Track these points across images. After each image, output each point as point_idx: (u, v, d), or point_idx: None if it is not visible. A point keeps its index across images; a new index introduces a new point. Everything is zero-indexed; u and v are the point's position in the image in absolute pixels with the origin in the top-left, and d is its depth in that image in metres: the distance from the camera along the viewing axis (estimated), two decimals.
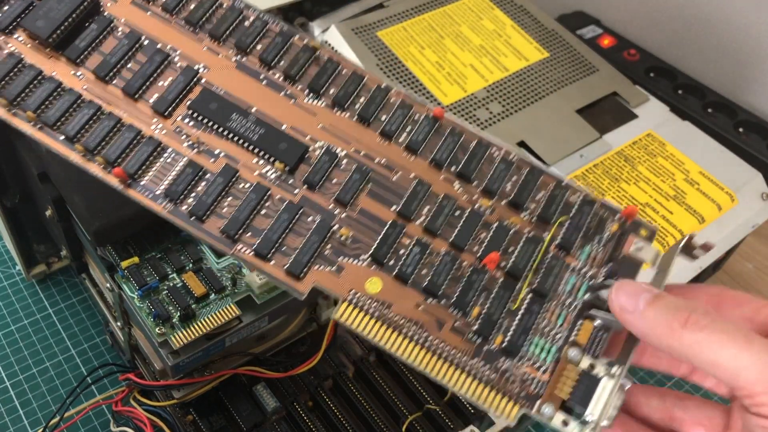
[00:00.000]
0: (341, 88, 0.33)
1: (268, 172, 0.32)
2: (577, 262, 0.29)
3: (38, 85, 0.32)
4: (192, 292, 0.44)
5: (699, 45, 0.81)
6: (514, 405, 0.27)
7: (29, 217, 0.53)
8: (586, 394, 0.26)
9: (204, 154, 0.32)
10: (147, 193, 0.32)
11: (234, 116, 0.32)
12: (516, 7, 0.64)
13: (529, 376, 0.27)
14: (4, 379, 0.53)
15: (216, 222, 0.31)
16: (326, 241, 0.30)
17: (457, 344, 0.28)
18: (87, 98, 0.32)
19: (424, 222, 0.30)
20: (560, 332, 0.28)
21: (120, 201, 0.42)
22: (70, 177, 0.43)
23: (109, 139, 0.32)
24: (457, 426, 0.46)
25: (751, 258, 0.68)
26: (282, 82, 0.33)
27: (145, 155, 0.32)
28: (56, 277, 0.59)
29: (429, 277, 0.29)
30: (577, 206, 0.31)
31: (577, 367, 0.27)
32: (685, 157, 0.55)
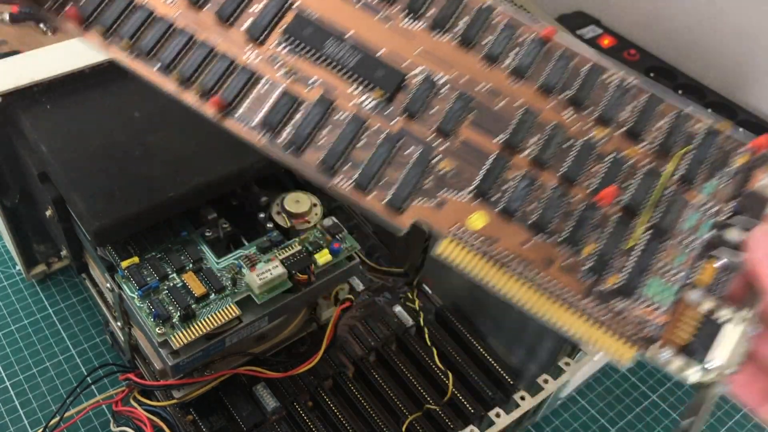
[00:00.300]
0: (441, 9, 0.31)
1: (365, 101, 0.30)
2: (699, 197, 0.27)
3: (131, 14, 0.31)
4: (192, 292, 0.44)
5: (699, 45, 0.81)
6: (631, 346, 0.25)
7: (29, 217, 0.53)
8: (708, 339, 0.24)
9: (299, 82, 0.31)
10: (243, 123, 0.31)
11: (329, 42, 0.31)
12: (516, 6, 0.64)
13: (645, 318, 0.25)
14: (5, 378, 0.53)
15: (314, 154, 0.29)
16: (427, 173, 0.29)
17: (567, 283, 0.26)
18: (180, 26, 0.31)
19: (531, 153, 0.28)
20: (680, 272, 0.26)
21: (120, 201, 0.42)
22: (70, 177, 0.43)
23: (204, 67, 0.31)
24: (457, 426, 0.46)
25: None
26: (378, 4, 0.31)
27: (240, 84, 0.31)
28: (56, 277, 0.59)
29: (538, 213, 0.27)
30: (702, 137, 0.28)
31: (698, 310, 0.25)
32: None
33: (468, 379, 0.48)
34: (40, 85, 0.47)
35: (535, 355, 0.46)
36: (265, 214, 0.50)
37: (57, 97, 0.47)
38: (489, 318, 0.49)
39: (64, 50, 0.50)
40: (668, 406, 0.57)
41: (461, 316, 0.52)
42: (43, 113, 0.46)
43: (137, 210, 0.42)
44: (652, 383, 0.58)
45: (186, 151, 0.45)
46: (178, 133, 0.46)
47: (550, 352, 0.45)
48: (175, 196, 0.43)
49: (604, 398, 0.57)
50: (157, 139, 0.46)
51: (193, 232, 0.48)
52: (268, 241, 0.48)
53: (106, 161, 0.44)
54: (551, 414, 0.56)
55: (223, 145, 0.46)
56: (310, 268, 0.46)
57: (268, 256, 0.47)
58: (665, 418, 0.56)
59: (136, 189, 0.43)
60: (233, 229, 0.49)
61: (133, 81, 0.50)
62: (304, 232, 0.49)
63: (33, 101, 0.46)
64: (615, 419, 0.56)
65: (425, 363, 0.49)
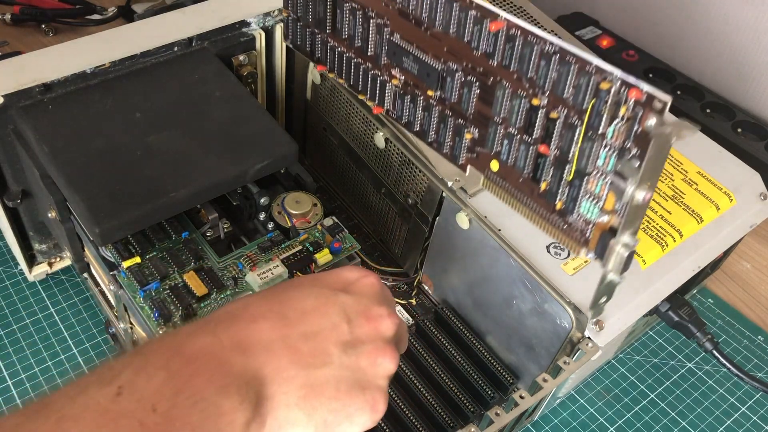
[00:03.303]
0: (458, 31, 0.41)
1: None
2: (605, 140, 0.34)
3: None
4: (193, 291, 0.44)
5: (698, 46, 0.81)
6: (579, 245, 0.37)
7: (31, 217, 0.54)
8: (603, 248, 0.36)
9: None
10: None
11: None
12: (516, 8, 0.64)
13: (583, 227, 0.36)
14: (6, 378, 0.53)
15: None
16: (461, 139, 0.42)
17: (542, 204, 0.38)
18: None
19: (517, 124, 0.38)
20: (598, 198, 0.35)
21: (122, 201, 0.42)
22: (72, 177, 0.43)
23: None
24: (456, 425, 0.46)
25: (749, 258, 0.69)
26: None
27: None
28: (58, 277, 0.60)
29: (522, 163, 0.39)
30: (602, 93, 0.34)
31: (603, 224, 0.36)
32: (684, 158, 0.55)
33: (467, 378, 0.49)
34: (42, 85, 0.47)
35: (534, 354, 0.47)
36: (265, 214, 0.50)
37: (59, 97, 0.47)
38: (488, 317, 0.49)
39: (65, 51, 0.50)
40: (667, 405, 0.57)
41: (460, 315, 0.52)
42: (45, 114, 0.46)
43: (139, 210, 0.43)
44: (651, 382, 0.58)
45: (187, 152, 0.46)
46: (179, 134, 0.47)
47: (548, 351, 0.45)
48: (177, 196, 0.43)
49: (602, 397, 0.57)
50: (158, 140, 0.46)
51: (194, 232, 0.48)
52: (269, 240, 0.48)
53: (108, 162, 0.44)
54: (550, 412, 0.56)
55: (224, 146, 0.47)
56: (310, 268, 0.47)
57: (268, 255, 0.47)
58: (664, 417, 0.56)
59: (137, 189, 0.43)
60: (234, 229, 0.50)
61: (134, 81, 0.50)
62: (304, 231, 0.49)
63: (35, 102, 0.47)
64: (614, 418, 0.56)
65: (425, 362, 0.49)
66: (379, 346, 0.34)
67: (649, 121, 0.32)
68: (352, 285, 0.36)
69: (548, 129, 0.37)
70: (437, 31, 0.42)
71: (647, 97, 0.31)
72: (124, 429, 0.26)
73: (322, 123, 0.60)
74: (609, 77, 0.33)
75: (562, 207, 0.37)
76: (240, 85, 0.51)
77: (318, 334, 0.32)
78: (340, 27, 0.48)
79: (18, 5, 0.82)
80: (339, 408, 0.32)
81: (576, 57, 0.34)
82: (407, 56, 0.44)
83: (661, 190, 0.52)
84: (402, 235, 0.57)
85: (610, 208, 0.35)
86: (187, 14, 0.54)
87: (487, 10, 0.38)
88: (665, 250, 0.49)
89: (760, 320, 0.64)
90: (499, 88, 0.39)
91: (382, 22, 0.45)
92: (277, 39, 0.57)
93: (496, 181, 0.42)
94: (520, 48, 0.37)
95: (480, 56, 0.40)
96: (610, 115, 0.33)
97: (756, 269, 0.68)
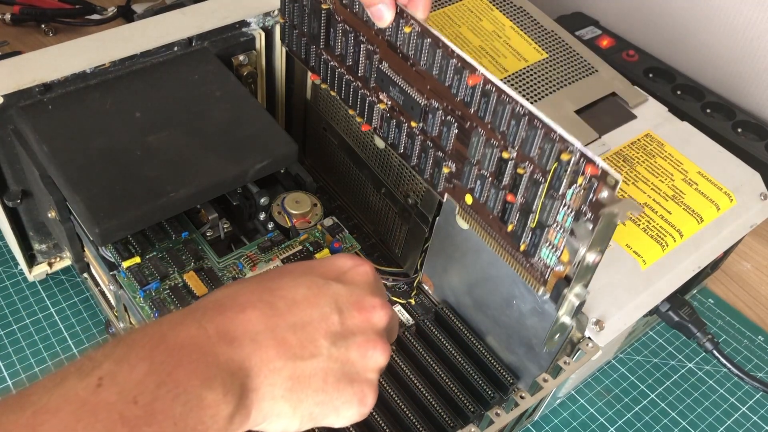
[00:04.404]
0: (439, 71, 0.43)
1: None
2: (564, 200, 0.37)
3: None
4: (193, 291, 0.44)
5: (698, 46, 0.81)
6: (538, 284, 0.40)
7: (31, 217, 0.54)
8: (557, 294, 0.39)
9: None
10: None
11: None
12: (515, 8, 0.64)
13: (543, 269, 0.40)
14: (6, 378, 0.53)
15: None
16: (438, 170, 0.45)
17: (508, 242, 0.41)
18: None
19: (489, 168, 0.41)
20: (556, 248, 0.38)
21: (122, 201, 0.42)
22: (71, 177, 0.43)
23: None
24: (456, 425, 0.46)
25: (749, 258, 0.69)
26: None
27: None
28: (58, 277, 0.60)
29: (493, 202, 0.41)
30: (563, 162, 0.37)
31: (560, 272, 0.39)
32: (684, 158, 0.55)
33: (467, 378, 0.49)
34: (42, 85, 0.47)
35: (534, 354, 0.47)
36: (265, 214, 0.50)
37: (59, 97, 0.47)
38: (488, 317, 0.49)
39: (65, 51, 0.50)
40: (667, 405, 0.57)
41: (460, 315, 0.52)
42: (45, 114, 0.46)
43: (139, 210, 0.43)
44: (651, 382, 0.58)
45: (187, 152, 0.46)
46: (179, 134, 0.47)
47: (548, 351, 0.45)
48: (177, 196, 0.43)
49: (602, 397, 0.57)
50: (158, 140, 0.46)
51: (194, 232, 0.48)
52: (269, 240, 0.48)
53: (108, 162, 0.44)
54: (550, 413, 0.56)
55: (223, 146, 0.47)
56: None
57: (268, 255, 0.47)
58: (664, 417, 0.56)
59: (137, 189, 0.43)
60: (234, 229, 0.50)
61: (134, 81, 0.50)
62: (304, 231, 0.49)
63: (35, 102, 0.47)
64: (614, 418, 0.56)
65: (425, 362, 0.49)
66: (370, 338, 0.33)
67: (602, 193, 0.34)
68: (345, 274, 0.35)
69: (515, 180, 0.39)
70: (422, 69, 0.43)
71: (602, 172, 0.34)
72: (103, 422, 0.25)
73: (322, 123, 0.60)
74: (570, 148, 0.36)
75: (525, 249, 0.40)
76: (240, 85, 0.51)
77: (307, 324, 0.32)
78: (333, 44, 0.49)
79: (18, 5, 0.82)
80: (325, 401, 0.32)
81: (543, 123, 0.37)
82: (394, 86, 0.46)
83: (661, 190, 0.52)
84: (402, 235, 0.56)
85: (566, 260, 0.38)
86: (187, 14, 0.54)
87: (466, 62, 0.40)
88: (665, 250, 0.49)
89: (760, 320, 0.64)
90: (474, 134, 0.41)
91: (372, 49, 0.46)
92: (277, 39, 0.57)
93: (469, 212, 0.44)
94: (494, 104, 0.39)
95: (459, 102, 0.41)
96: (569, 181, 0.36)
97: (756, 269, 0.68)
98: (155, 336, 0.29)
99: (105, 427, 0.25)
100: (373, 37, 0.45)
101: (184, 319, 0.30)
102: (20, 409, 0.25)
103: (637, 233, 0.49)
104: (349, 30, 0.47)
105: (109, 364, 0.27)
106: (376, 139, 0.54)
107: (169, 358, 0.28)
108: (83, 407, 0.25)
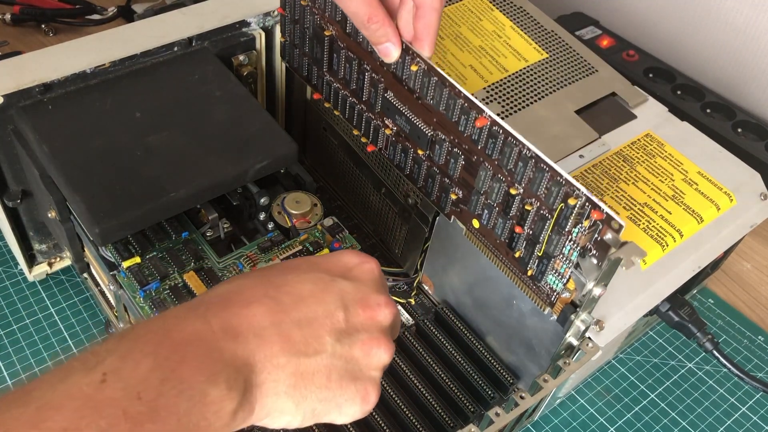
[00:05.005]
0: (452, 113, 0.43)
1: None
2: (570, 236, 0.38)
3: None
4: (193, 291, 0.44)
5: (698, 46, 0.81)
6: (545, 305, 0.42)
7: (31, 217, 0.54)
8: (564, 319, 0.42)
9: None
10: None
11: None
12: (515, 8, 0.64)
13: (550, 293, 0.41)
14: (6, 378, 0.53)
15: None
16: (447, 195, 0.45)
17: (516, 265, 0.42)
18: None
19: (497, 198, 0.42)
20: (562, 276, 0.40)
21: (122, 201, 0.42)
22: (72, 177, 0.43)
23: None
24: (457, 426, 0.46)
25: (749, 258, 0.69)
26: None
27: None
28: (58, 277, 0.60)
29: (497, 227, 0.43)
30: (569, 206, 0.38)
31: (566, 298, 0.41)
32: (684, 158, 0.55)
33: (467, 378, 0.49)
34: (42, 85, 0.47)
35: (534, 354, 0.47)
36: (265, 214, 0.50)
37: (59, 97, 0.47)
38: (488, 317, 0.49)
39: (65, 51, 0.50)
40: (667, 405, 0.57)
41: (460, 315, 0.52)
42: (45, 114, 0.46)
43: (139, 210, 0.43)
44: (651, 382, 0.58)
45: (187, 152, 0.46)
46: (179, 134, 0.47)
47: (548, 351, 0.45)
48: (177, 196, 0.43)
49: (602, 397, 0.57)
50: (158, 140, 0.46)
51: (194, 232, 0.48)
52: (269, 240, 0.48)
53: (108, 162, 0.44)
54: (550, 413, 0.56)
55: (223, 146, 0.47)
56: None
57: (268, 255, 0.47)
58: (664, 417, 0.56)
59: (137, 189, 0.43)
60: (234, 229, 0.50)
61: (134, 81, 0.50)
62: (304, 231, 0.49)
63: (35, 102, 0.47)
64: (614, 418, 0.56)
65: (425, 362, 0.49)
66: (374, 336, 0.33)
67: (606, 235, 0.36)
68: (351, 271, 0.35)
69: (523, 214, 0.40)
70: (429, 104, 0.43)
71: (607, 217, 0.35)
72: (107, 418, 0.25)
73: (322, 123, 0.60)
74: (577, 193, 0.37)
75: (532, 274, 0.41)
76: (240, 85, 0.51)
77: (312, 321, 0.32)
78: (336, 69, 0.49)
79: (18, 5, 0.82)
80: (328, 397, 0.32)
81: (549, 167, 0.37)
82: (400, 115, 0.46)
83: (661, 190, 0.52)
84: (402, 235, 0.56)
85: (572, 288, 0.39)
86: (187, 14, 0.54)
87: (473, 103, 0.40)
88: (665, 250, 0.49)
89: (760, 320, 0.64)
90: (482, 168, 0.41)
91: (377, 78, 0.46)
92: (277, 39, 0.57)
93: (477, 235, 0.45)
94: (500, 145, 0.40)
95: (466, 137, 0.42)
96: (575, 221, 0.37)
97: (756, 269, 0.68)
98: (159, 331, 0.29)
99: (109, 423, 0.25)
100: (377, 67, 0.45)
101: (188, 314, 0.30)
102: (24, 404, 0.25)
103: (637, 233, 0.49)
104: (353, 57, 0.47)
105: (113, 360, 0.27)
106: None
107: (174, 354, 0.28)
108: (87, 403, 0.25)
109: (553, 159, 0.53)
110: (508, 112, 0.55)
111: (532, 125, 0.55)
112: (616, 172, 0.53)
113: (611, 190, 0.51)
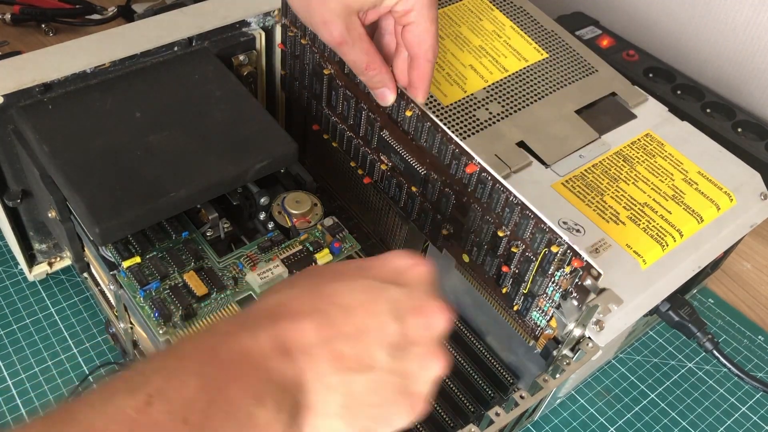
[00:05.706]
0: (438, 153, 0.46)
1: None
2: (554, 278, 0.41)
3: None
4: (193, 291, 0.44)
5: (698, 46, 0.81)
6: (530, 339, 0.44)
7: (31, 217, 0.54)
8: (546, 354, 0.44)
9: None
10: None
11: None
12: (515, 8, 0.64)
13: (534, 328, 0.44)
14: (6, 378, 0.53)
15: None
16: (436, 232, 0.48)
17: (504, 300, 0.45)
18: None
19: (478, 236, 0.44)
20: (545, 315, 0.42)
21: (122, 201, 0.42)
22: (72, 177, 0.43)
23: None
24: (456, 426, 0.46)
25: (749, 258, 0.69)
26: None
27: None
28: (58, 277, 0.60)
29: (486, 264, 0.45)
30: (552, 252, 0.40)
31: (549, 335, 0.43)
32: (684, 157, 0.55)
33: (467, 378, 0.49)
34: (42, 85, 0.47)
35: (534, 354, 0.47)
36: (265, 214, 0.50)
37: (59, 97, 0.47)
38: (488, 317, 0.49)
39: (65, 51, 0.50)
40: (667, 405, 0.57)
41: (460, 315, 0.52)
42: (45, 113, 0.46)
43: (139, 210, 0.43)
44: (651, 382, 0.58)
45: (187, 152, 0.46)
46: (179, 134, 0.47)
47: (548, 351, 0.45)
48: (177, 196, 0.43)
49: (602, 397, 0.57)
50: (158, 140, 0.46)
51: (194, 232, 0.48)
52: (269, 240, 0.48)
53: (108, 161, 0.44)
54: (550, 413, 0.56)
55: (224, 145, 0.47)
56: None
57: (268, 255, 0.47)
58: (664, 417, 0.56)
59: (137, 189, 0.43)
60: (234, 229, 0.50)
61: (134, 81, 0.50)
62: (304, 231, 0.49)
63: (35, 102, 0.47)
64: (614, 418, 0.56)
65: None
66: (430, 348, 0.31)
67: (586, 281, 0.38)
68: (402, 275, 0.33)
69: (509, 255, 0.42)
70: (422, 145, 0.45)
71: (586, 264, 0.38)
72: None
73: None
74: (559, 241, 0.39)
75: (518, 309, 0.44)
76: (240, 85, 0.51)
77: (363, 334, 0.30)
78: (335, 105, 0.50)
79: (18, 5, 0.82)
80: (380, 414, 0.30)
81: (534, 215, 0.39)
82: (395, 153, 0.48)
83: (661, 190, 0.52)
84: (402, 235, 0.56)
85: (555, 326, 0.42)
86: (187, 14, 0.54)
87: (464, 150, 0.42)
88: (665, 250, 0.49)
89: (760, 320, 0.64)
90: (471, 210, 0.44)
91: (374, 117, 0.48)
92: (277, 39, 0.57)
93: (467, 269, 0.47)
94: (489, 190, 0.42)
95: (457, 179, 0.44)
96: (557, 266, 0.40)
97: (756, 269, 0.68)
98: (206, 348, 0.28)
99: None
100: (374, 107, 0.47)
101: (236, 329, 0.29)
102: (68, 427, 0.24)
103: (637, 233, 0.49)
104: (350, 96, 0.49)
105: (159, 380, 0.26)
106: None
107: (221, 373, 0.27)
108: (132, 427, 0.24)
109: (553, 159, 0.53)
110: (508, 112, 0.55)
111: (532, 125, 0.55)
112: (616, 172, 0.53)
113: (611, 190, 0.51)
